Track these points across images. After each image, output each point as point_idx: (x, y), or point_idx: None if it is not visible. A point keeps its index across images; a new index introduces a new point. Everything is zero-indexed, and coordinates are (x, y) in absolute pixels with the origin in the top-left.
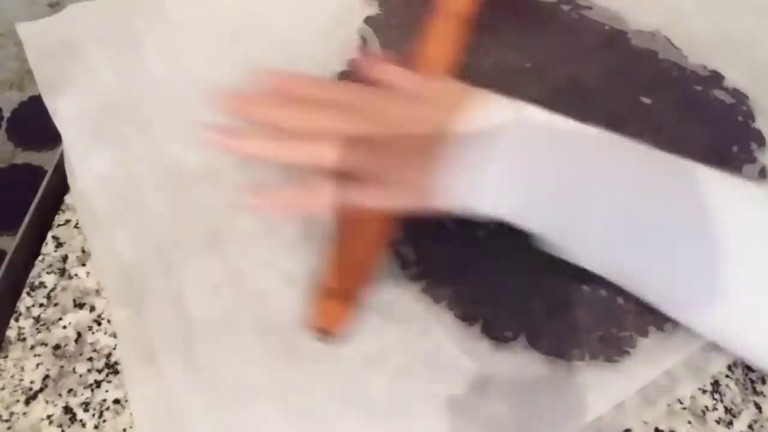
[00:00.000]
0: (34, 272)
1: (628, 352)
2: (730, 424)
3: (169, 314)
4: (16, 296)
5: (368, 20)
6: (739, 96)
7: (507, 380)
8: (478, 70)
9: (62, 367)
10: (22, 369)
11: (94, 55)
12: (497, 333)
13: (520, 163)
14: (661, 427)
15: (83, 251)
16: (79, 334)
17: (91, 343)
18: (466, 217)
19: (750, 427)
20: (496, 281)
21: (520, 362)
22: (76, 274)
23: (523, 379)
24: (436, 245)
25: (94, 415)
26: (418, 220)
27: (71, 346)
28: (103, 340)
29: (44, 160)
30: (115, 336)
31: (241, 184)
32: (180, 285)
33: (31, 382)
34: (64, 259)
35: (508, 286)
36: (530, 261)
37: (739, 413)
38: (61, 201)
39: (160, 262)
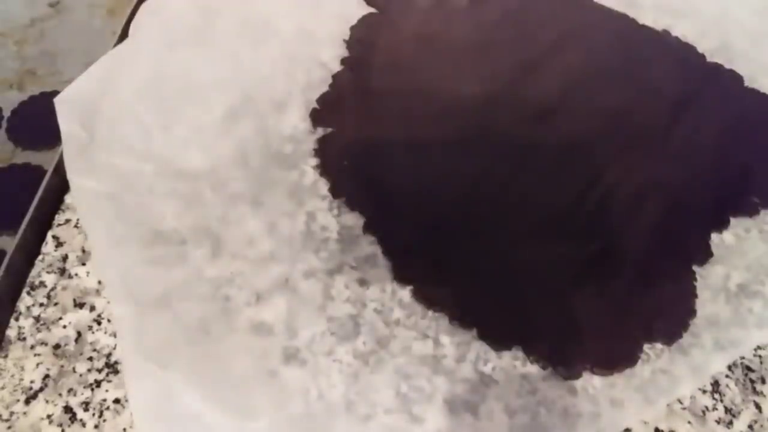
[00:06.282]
0: (34, 272)
1: (632, 362)
2: (730, 424)
3: (169, 313)
4: (16, 296)
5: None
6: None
7: (506, 381)
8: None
9: (62, 366)
10: (22, 368)
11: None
12: (493, 341)
13: None
14: (661, 427)
15: (83, 251)
16: (79, 334)
17: (91, 343)
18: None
19: (750, 427)
20: (491, 287)
21: (519, 363)
22: (76, 274)
23: (522, 380)
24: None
25: (94, 414)
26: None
27: (71, 346)
28: (103, 340)
29: (44, 160)
30: (115, 336)
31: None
32: (180, 283)
33: (31, 382)
34: (64, 258)
35: (504, 291)
36: (529, 264)
37: (739, 413)
38: (61, 201)
39: (160, 260)
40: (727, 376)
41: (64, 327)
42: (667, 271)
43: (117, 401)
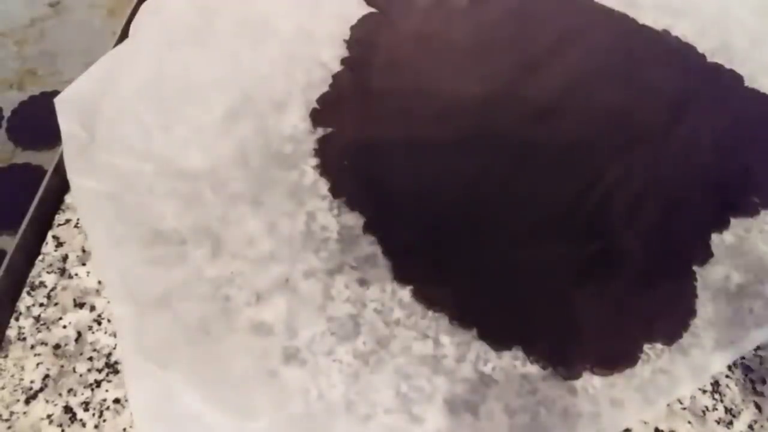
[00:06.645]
0: (34, 272)
1: (632, 362)
2: (730, 424)
3: (169, 313)
4: (16, 296)
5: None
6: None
7: (506, 381)
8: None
9: (62, 366)
10: (22, 368)
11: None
12: (493, 341)
13: None
14: (661, 427)
15: (83, 251)
16: (79, 334)
17: (91, 343)
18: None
19: (750, 427)
20: (491, 287)
21: (519, 363)
22: (76, 274)
23: (522, 380)
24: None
25: (94, 414)
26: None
27: (71, 346)
28: (103, 340)
29: (44, 159)
30: (115, 336)
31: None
32: (180, 283)
33: (31, 382)
34: (64, 258)
35: (504, 291)
36: (529, 264)
37: (739, 413)
38: (61, 201)
39: (160, 260)
40: (727, 376)
41: (64, 327)
42: (667, 271)
43: (117, 401)
